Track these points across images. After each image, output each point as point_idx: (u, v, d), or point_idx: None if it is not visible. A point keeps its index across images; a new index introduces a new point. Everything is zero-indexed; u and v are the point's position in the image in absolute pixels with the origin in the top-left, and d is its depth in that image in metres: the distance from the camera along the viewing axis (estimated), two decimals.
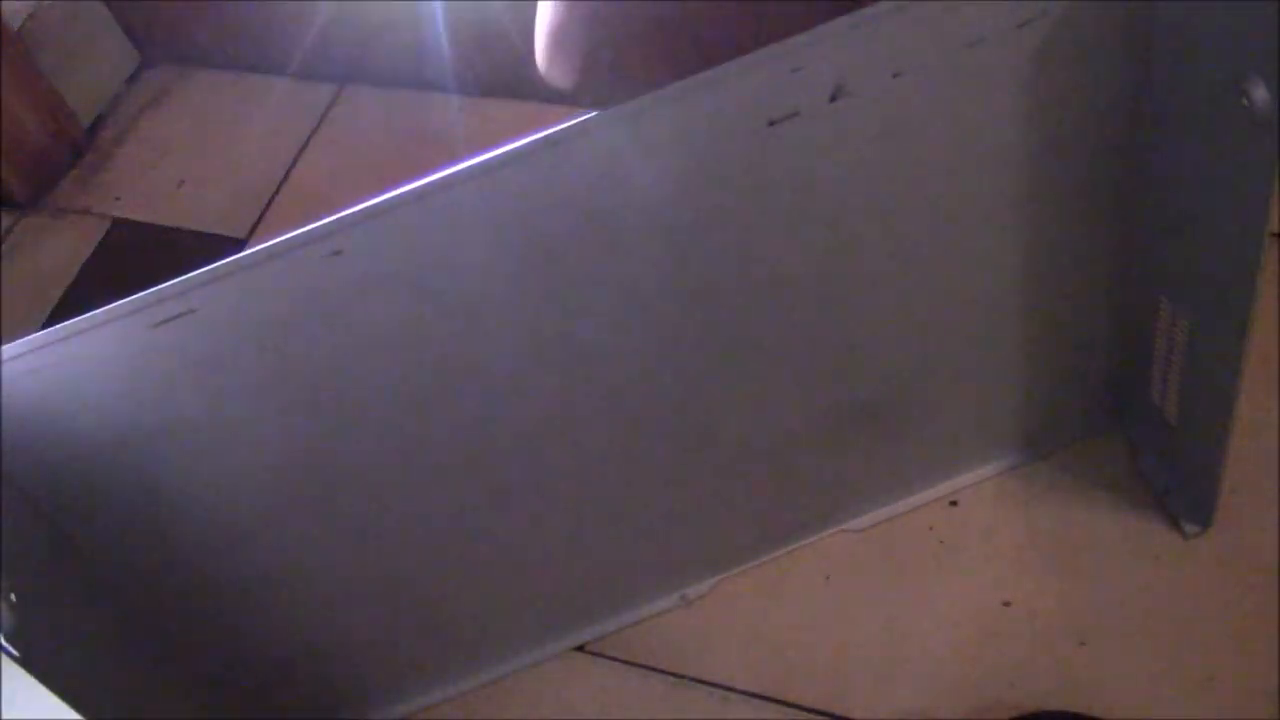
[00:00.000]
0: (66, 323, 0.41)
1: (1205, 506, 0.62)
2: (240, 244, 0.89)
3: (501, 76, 0.94)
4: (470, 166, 0.41)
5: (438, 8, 0.90)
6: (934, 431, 0.63)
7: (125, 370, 0.43)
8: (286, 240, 0.41)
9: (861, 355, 0.57)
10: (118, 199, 0.96)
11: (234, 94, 1.01)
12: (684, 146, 0.44)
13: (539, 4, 0.35)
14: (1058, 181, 0.52)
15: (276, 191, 0.93)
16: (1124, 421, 0.66)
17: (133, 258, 0.91)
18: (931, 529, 0.66)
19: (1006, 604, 0.63)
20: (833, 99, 0.44)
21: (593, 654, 0.65)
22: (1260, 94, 0.43)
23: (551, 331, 0.49)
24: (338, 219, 0.41)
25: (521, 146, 0.41)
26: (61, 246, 0.93)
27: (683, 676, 0.63)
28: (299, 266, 0.42)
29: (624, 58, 0.38)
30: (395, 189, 0.42)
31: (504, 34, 0.91)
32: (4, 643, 0.42)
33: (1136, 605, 0.61)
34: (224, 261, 0.41)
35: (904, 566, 0.65)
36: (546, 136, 0.41)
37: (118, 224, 0.94)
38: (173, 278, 0.40)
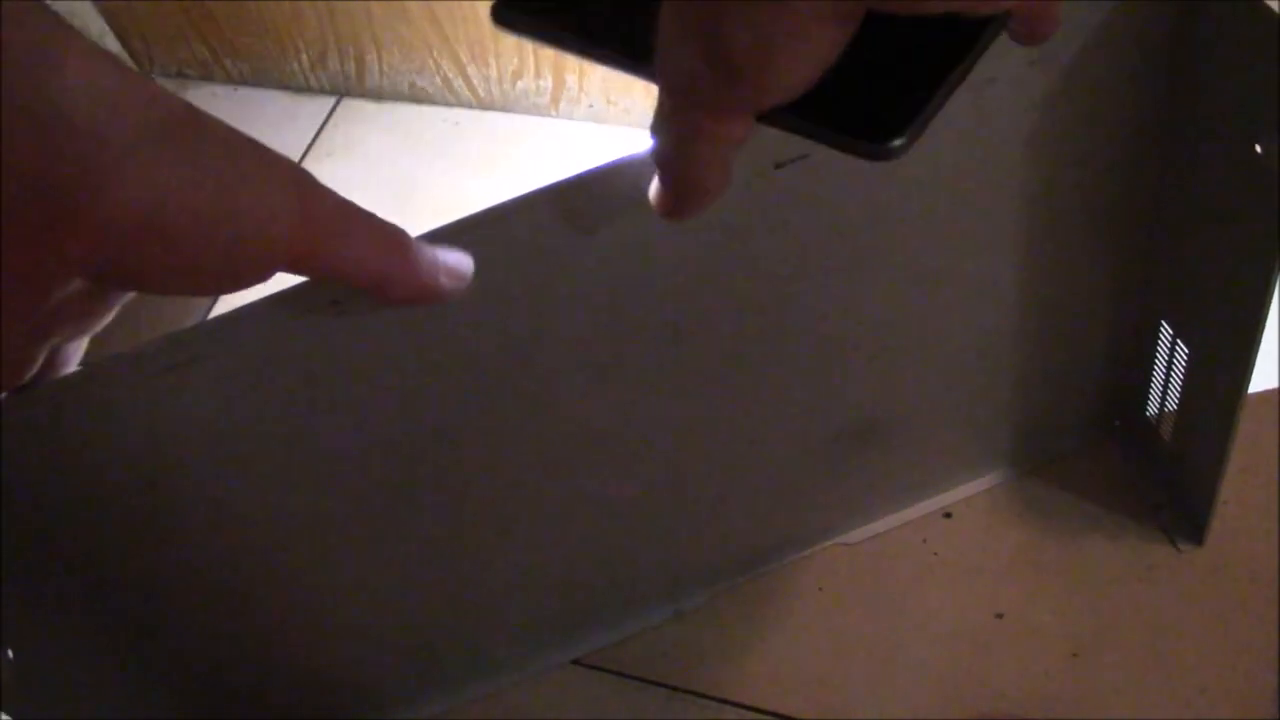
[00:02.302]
0: (67, 374, 0.40)
1: (1199, 523, 0.62)
2: None
3: (498, 89, 0.95)
4: (470, 218, 0.41)
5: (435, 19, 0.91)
6: (928, 447, 0.64)
7: (130, 417, 0.43)
8: (288, 290, 0.41)
9: (859, 381, 0.57)
10: None
11: (231, 108, 1.02)
12: None
13: None
14: (1062, 213, 0.52)
15: None
16: (1119, 436, 0.67)
17: None
18: (925, 541, 0.66)
19: (1000, 616, 0.63)
20: None
21: (588, 667, 0.65)
22: (1274, 147, 0.43)
23: (549, 370, 0.49)
24: None
25: (524, 198, 0.41)
26: None
27: (677, 689, 0.63)
28: (299, 317, 0.42)
29: None
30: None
31: (501, 47, 0.91)
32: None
33: (1130, 617, 0.62)
34: (228, 312, 0.41)
35: (898, 579, 0.65)
36: (546, 188, 0.41)
37: None
38: None
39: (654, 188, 0.37)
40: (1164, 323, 0.58)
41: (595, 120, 0.93)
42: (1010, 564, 0.64)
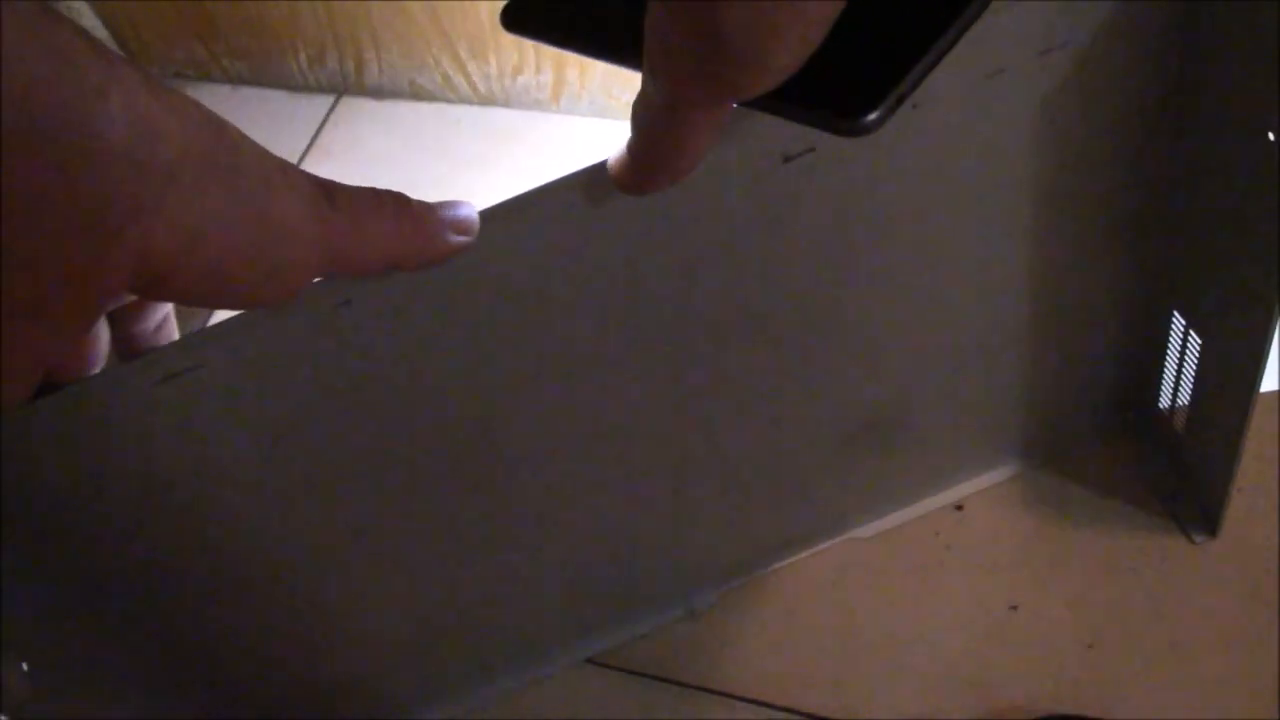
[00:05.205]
0: (69, 387, 0.40)
1: (1213, 515, 0.62)
2: None
3: (499, 85, 0.94)
4: (481, 212, 0.41)
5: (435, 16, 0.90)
6: (940, 440, 0.63)
7: (131, 426, 0.43)
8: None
9: (868, 377, 0.57)
10: None
11: (230, 107, 1.01)
12: (698, 183, 0.44)
13: None
14: (1073, 203, 0.52)
15: None
16: (1131, 428, 0.66)
17: None
18: (938, 534, 0.66)
19: (1014, 608, 0.63)
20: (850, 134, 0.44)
21: (601, 665, 0.65)
22: None
23: (558, 366, 0.49)
24: None
25: (532, 193, 0.41)
26: None
27: (690, 686, 0.63)
28: (307, 317, 0.41)
29: None
30: None
31: (501, 43, 0.91)
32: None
33: (1144, 609, 0.61)
34: (229, 318, 0.41)
35: (911, 572, 0.65)
36: (557, 182, 0.41)
37: None
38: None
39: (618, 159, 0.37)
40: (1176, 313, 0.57)
41: (597, 115, 0.93)
42: (1023, 556, 0.64)
